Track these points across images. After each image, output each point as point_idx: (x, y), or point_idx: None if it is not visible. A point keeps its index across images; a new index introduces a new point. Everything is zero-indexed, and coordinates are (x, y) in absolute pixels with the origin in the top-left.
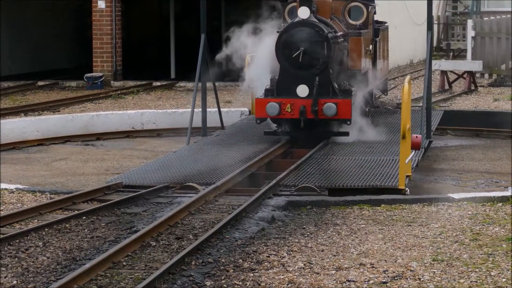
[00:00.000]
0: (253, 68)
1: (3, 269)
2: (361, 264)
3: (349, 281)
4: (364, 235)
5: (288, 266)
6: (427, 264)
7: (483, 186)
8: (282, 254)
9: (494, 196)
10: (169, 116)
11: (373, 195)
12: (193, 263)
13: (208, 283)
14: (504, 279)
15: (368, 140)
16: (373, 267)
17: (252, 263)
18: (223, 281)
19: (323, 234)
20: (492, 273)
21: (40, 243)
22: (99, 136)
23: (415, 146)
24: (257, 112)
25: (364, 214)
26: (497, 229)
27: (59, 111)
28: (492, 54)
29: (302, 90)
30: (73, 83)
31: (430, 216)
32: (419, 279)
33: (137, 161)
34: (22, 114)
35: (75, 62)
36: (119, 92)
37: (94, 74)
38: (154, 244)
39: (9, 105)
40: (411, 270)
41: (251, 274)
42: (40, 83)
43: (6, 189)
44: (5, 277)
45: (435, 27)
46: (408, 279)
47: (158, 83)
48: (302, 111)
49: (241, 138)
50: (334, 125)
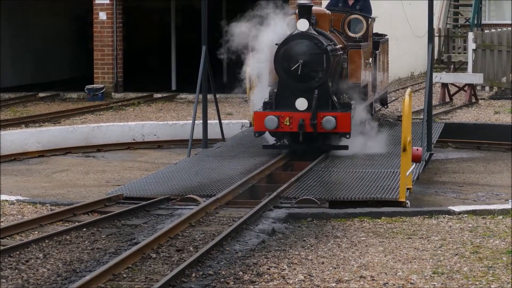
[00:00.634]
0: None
1: (4, 281)
2: (362, 277)
3: None
4: (365, 248)
5: (289, 279)
6: (428, 277)
7: (484, 199)
8: (283, 267)
9: (495, 209)
10: (170, 128)
11: (374, 208)
12: (194, 275)
13: None
14: None
15: (369, 153)
16: (374, 280)
17: (253, 276)
18: None
19: (324, 247)
20: (493, 286)
21: (41, 255)
22: (100, 148)
23: (416, 159)
24: (256, 126)
25: (365, 227)
26: (498, 242)
27: (60, 123)
28: (493, 67)
29: (301, 103)
30: (74, 95)
31: (431, 229)
32: None
33: (138, 173)
34: (23, 126)
35: (77, 73)
36: (120, 104)
37: (95, 86)
38: (155, 256)
39: (10, 117)
40: (412, 283)
41: (251, 287)
42: (41, 95)
43: (7, 201)
44: None
45: (436, 40)
46: None
47: (159, 95)
48: (301, 125)
49: (242, 150)
50: (334, 138)
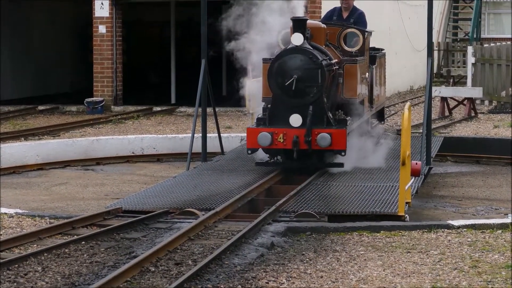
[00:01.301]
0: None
1: None
2: None
3: None
4: (363, 262)
5: None
6: None
7: (483, 213)
8: (281, 281)
9: (494, 223)
10: (169, 141)
11: (373, 222)
12: None
13: None
14: None
15: (367, 167)
16: None
17: None
18: None
19: (322, 261)
20: None
21: (39, 268)
22: (99, 161)
23: (415, 173)
24: (248, 142)
25: (364, 241)
26: (497, 257)
27: (59, 136)
28: (492, 81)
29: (295, 120)
30: (74, 108)
31: (430, 243)
32: None
33: (137, 186)
34: (22, 139)
35: (77, 87)
36: (120, 117)
37: (95, 99)
38: (153, 270)
39: (10, 129)
40: None
41: None
42: (41, 108)
43: (6, 214)
44: None
45: (435, 54)
46: None
47: (159, 108)
48: (295, 142)
49: (241, 164)
50: (328, 156)
